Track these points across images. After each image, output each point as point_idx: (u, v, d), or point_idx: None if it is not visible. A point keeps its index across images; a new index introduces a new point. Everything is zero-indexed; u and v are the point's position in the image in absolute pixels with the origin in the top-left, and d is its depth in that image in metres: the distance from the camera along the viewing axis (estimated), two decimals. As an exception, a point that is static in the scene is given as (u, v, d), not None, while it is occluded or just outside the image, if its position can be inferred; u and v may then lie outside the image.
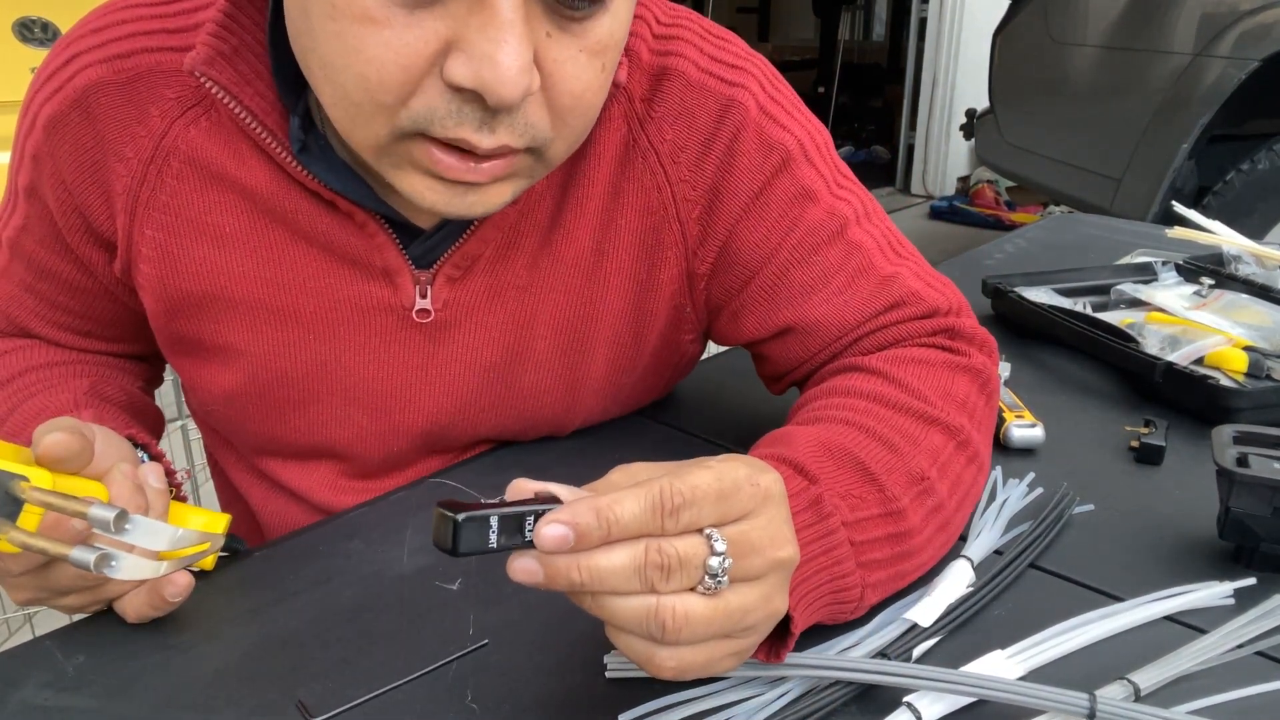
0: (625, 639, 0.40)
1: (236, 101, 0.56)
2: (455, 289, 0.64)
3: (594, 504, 0.37)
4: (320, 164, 0.58)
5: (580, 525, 0.36)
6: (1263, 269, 1.08)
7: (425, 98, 0.47)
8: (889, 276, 0.65)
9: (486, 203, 0.53)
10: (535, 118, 0.49)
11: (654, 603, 0.38)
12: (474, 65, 0.45)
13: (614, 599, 0.38)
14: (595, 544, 0.37)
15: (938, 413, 0.58)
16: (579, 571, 0.37)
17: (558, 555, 0.37)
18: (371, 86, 0.46)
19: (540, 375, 0.69)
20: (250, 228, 0.61)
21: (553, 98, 0.49)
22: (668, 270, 0.67)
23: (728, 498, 0.39)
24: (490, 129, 0.48)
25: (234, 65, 0.56)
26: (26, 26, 1.88)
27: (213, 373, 0.66)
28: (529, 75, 0.46)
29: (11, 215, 0.67)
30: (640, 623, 0.38)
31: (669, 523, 0.37)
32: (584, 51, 0.49)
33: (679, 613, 0.38)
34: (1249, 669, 0.50)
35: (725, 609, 0.39)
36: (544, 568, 0.37)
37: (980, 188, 4.84)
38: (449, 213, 0.52)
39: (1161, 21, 2.51)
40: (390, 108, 0.47)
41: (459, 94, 0.47)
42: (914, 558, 0.54)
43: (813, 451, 0.53)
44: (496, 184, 0.52)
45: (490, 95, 0.45)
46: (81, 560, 0.43)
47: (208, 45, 0.55)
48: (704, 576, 0.38)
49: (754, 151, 0.63)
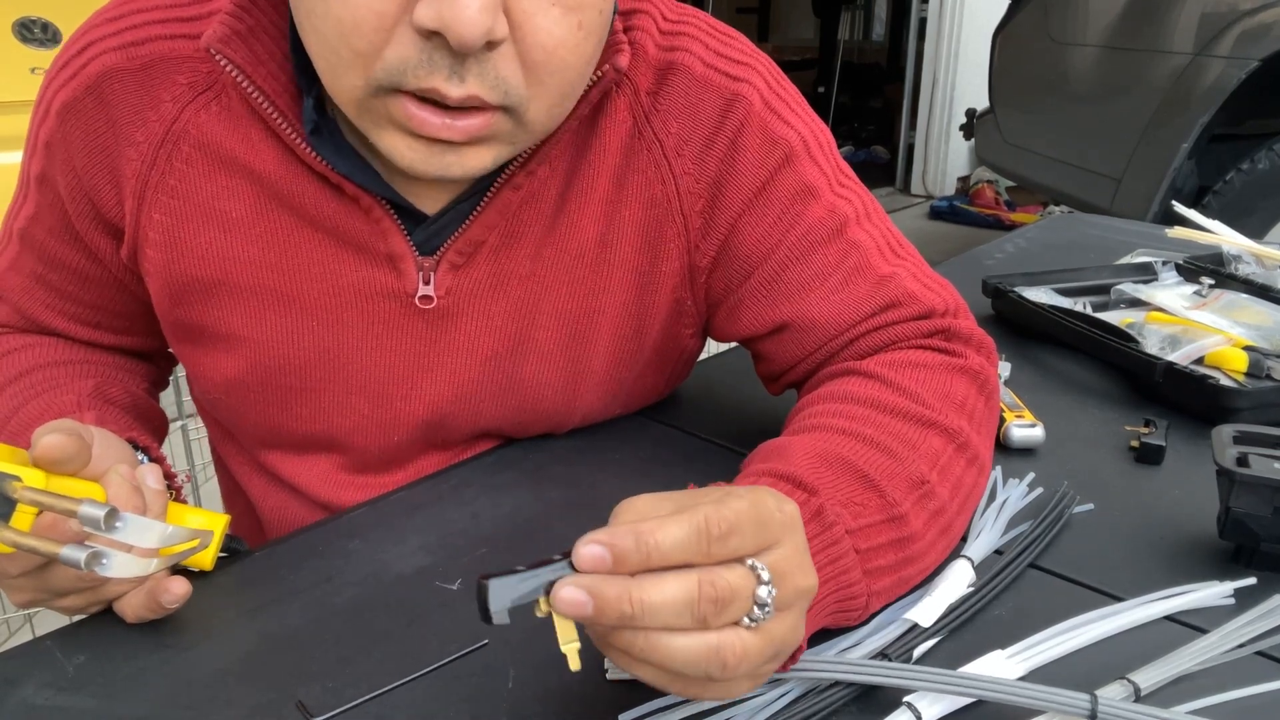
0: (679, 681, 0.38)
1: (250, 81, 0.56)
2: (458, 276, 0.64)
3: (634, 528, 0.36)
4: (329, 147, 0.59)
5: (618, 547, 0.35)
6: (1263, 269, 1.08)
7: (398, 47, 0.48)
8: (886, 276, 0.65)
9: (465, 165, 0.53)
10: (506, 71, 0.50)
11: (714, 640, 0.37)
12: (436, 5, 0.46)
13: (670, 639, 0.36)
14: (633, 568, 0.36)
15: (936, 416, 0.58)
16: (630, 604, 0.35)
17: (608, 587, 0.35)
18: (346, 30, 0.48)
19: (541, 366, 0.69)
20: (257, 213, 0.62)
21: (523, 51, 0.50)
22: (670, 263, 0.67)
23: (764, 525, 0.39)
24: (460, 77, 0.49)
25: (249, 45, 0.56)
26: (26, 26, 1.88)
27: (216, 359, 0.67)
28: (490, 15, 0.46)
29: (23, 205, 0.67)
30: (700, 663, 0.37)
31: (716, 547, 0.36)
32: (556, 5, 0.49)
33: (738, 650, 0.37)
34: (1249, 669, 0.50)
35: (771, 640, 0.39)
36: (594, 598, 0.35)
37: (980, 188, 4.84)
38: (427, 172, 0.53)
39: (1161, 21, 2.51)
40: (365, 55, 0.48)
41: (428, 41, 0.48)
42: (917, 562, 0.54)
43: (810, 463, 0.52)
44: (475, 147, 0.53)
45: (451, 35, 0.46)
46: (72, 558, 0.43)
47: (224, 24, 0.56)
48: (752, 608, 0.38)
49: (757, 146, 0.63)
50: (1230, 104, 2.31)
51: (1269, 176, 2.30)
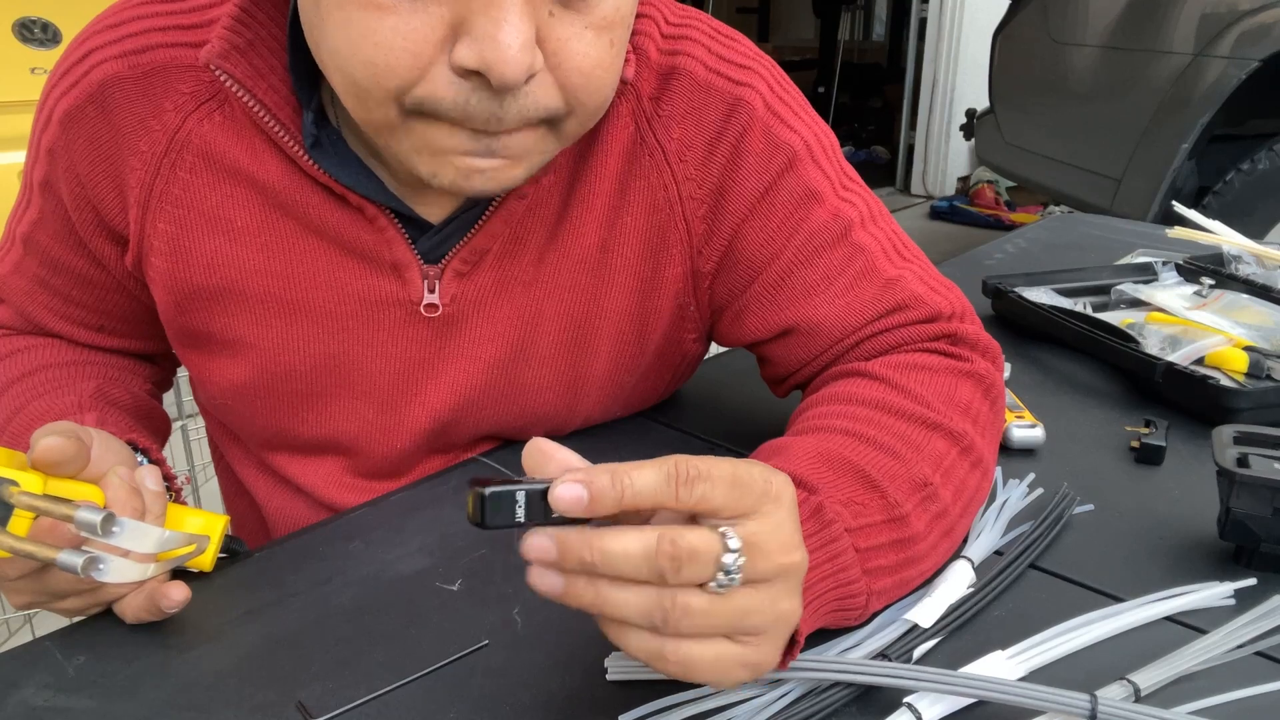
0: (627, 634, 0.39)
1: (250, 95, 0.56)
2: (463, 284, 0.64)
3: (611, 468, 0.37)
4: (332, 159, 0.59)
5: (595, 485, 0.36)
6: (1263, 269, 1.08)
7: (432, 86, 0.48)
8: (892, 279, 0.65)
9: (503, 181, 0.53)
10: (545, 98, 0.50)
11: (654, 592, 0.38)
12: (477, 46, 0.46)
13: (618, 591, 0.38)
14: (609, 508, 0.37)
15: (940, 418, 0.58)
16: (590, 551, 0.37)
17: (569, 533, 0.37)
18: (379, 73, 0.47)
19: (544, 371, 0.69)
20: (261, 221, 0.62)
21: (561, 76, 0.50)
22: (672, 268, 0.67)
23: (740, 485, 0.39)
24: (498, 115, 0.49)
25: (248, 59, 0.56)
26: (26, 27, 1.88)
27: (221, 366, 0.67)
28: (530, 53, 0.47)
29: (26, 210, 0.67)
30: (642, 613, 0.38)
31: (683, 491, 0.37)
32: (590, 28, 0.50)
33: (679, 602, 0.38)
34: (1249, 669, 0.50)
35: (733, 609, 0.39)
36: (558, 545, 0.37)
37: (980, 188, 4.84)
38: (467, 191, 0.53)
39: (1161, 21, 2.51)
40: (397, 93, 0.48)
41: (465, 80, 0.47)
42: (919, 564, 0.53)
43: (811, 462, 0.52)
44: (513, 162, 0.53)
45: (493, 75, 0.46)
46: (69, 564, 0.43)
47: (223, 39, 0.56)
48: (716, 574, 0.38)
49: (760, 151, 0.63)
50: (1230, 104, 2.31)
51: (1269, 177, 2.30)
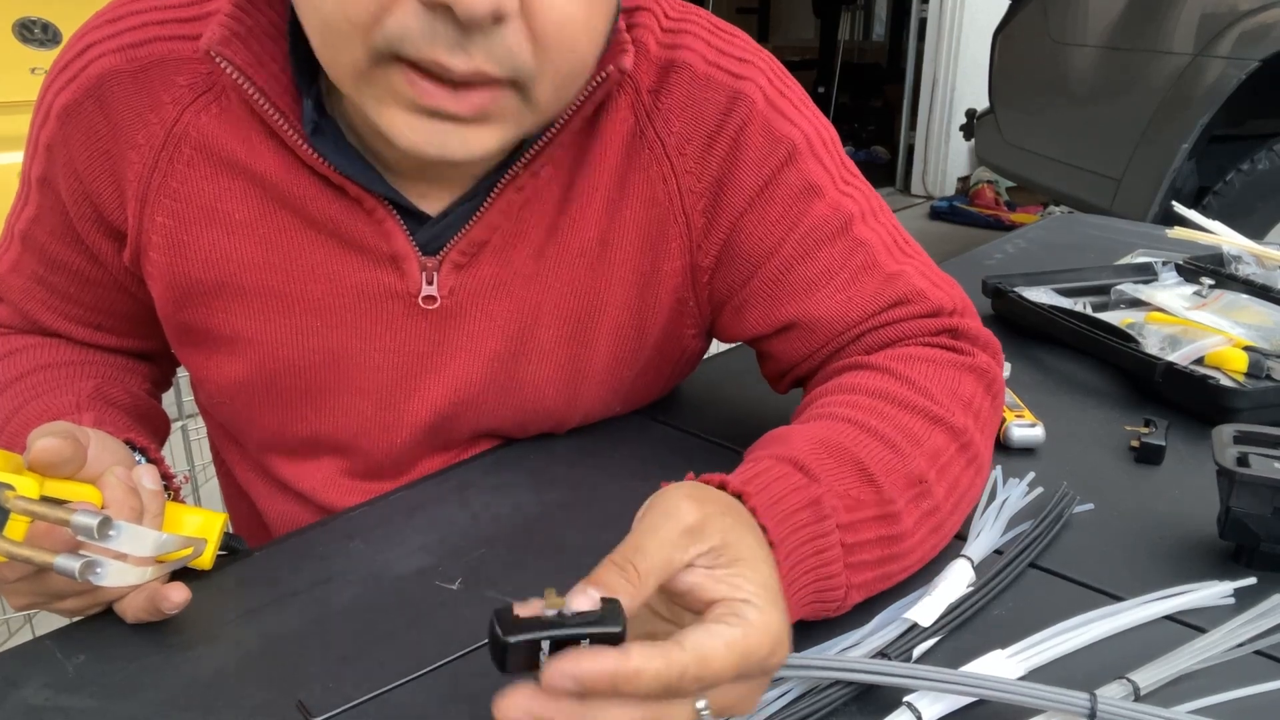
0: None
1: (250, 82, 0.56)
2: (462, 276, 0.64)
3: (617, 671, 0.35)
4: (331, 147, 0.58)
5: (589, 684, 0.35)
6: (1263, 269, 1.08)
7: (398, 16, 0.47)
8: (893, 274, 0.65)
9: (469, 145, 0.52)
10: (515, 45, 0.49)
11: None
12: None
13: None
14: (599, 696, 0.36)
15: (943, 412, 0.58)
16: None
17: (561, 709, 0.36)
18: (345, 2, 0.47)
19: (543, 366, 0.69)
20: (259, 214, 0.62)
21: (533, 26, 0.49)
22: (671, 262, 0.67)
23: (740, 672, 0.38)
24: (465, 50, 0.48)
25: (249, 46, 0.56)
26: (26, 27, 1.88)
27: (220, 363, 0.67)
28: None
29: (24, 207, 0.67)
30: None
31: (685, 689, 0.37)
32: None
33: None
34: (1249, 669, 0.50)
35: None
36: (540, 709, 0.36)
37: (980, 188, 4.84)
38: (428, 152, 0.52)
39: (1161, 21, 2.51)
40: (364, 27, 0.48)
41: (432, 13, 0.47)
42: (903, 559, 0.54)
43: (813, 449, 0.53)
44: (479, 126, 0.52)
45: (458, 7, 0.45)
46: (66, 568, 0.43)
47: (223, 26, 0.56)
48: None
49: (760, 144, 0.63)
50: (1230, 104, 2.31)
51: (1269, 177, 2.30)
